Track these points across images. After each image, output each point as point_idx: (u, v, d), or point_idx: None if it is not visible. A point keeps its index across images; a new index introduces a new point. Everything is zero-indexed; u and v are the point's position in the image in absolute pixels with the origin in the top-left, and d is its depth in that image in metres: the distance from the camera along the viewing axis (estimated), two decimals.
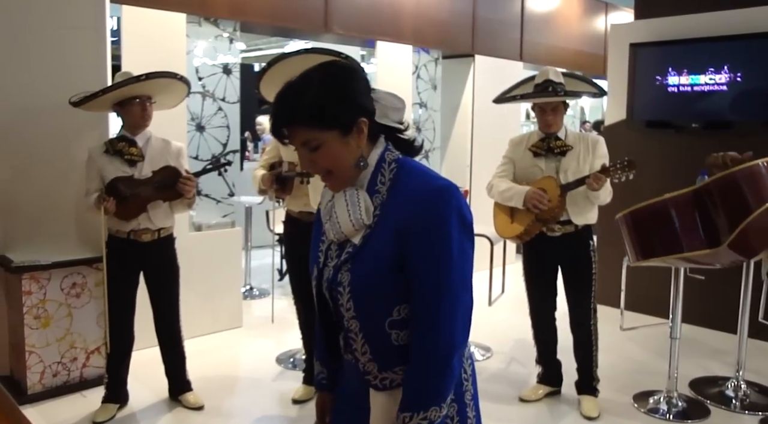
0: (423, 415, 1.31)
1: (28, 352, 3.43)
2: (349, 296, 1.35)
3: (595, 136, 3.39)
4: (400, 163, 1.38)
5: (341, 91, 1.31)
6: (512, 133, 6.94)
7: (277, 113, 1.33)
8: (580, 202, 3.24)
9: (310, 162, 1.34)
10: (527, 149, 3.37)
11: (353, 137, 1.33)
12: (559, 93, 3.23)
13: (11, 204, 3.54)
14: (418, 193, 1.31)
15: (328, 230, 1.40)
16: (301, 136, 1.31)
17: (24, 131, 3.54)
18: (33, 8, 3.52)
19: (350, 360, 1.46)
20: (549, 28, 7.19)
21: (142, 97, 3.18)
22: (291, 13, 4.83)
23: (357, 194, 1.35)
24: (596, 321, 3.39)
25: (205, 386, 3.58)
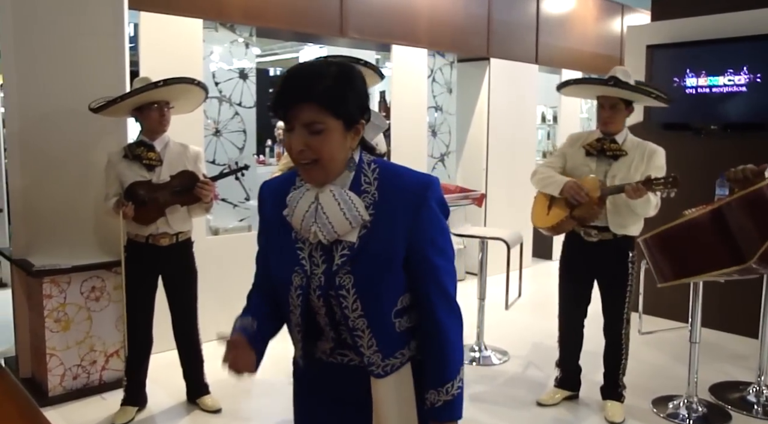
0: (459, 378, 1.45)
1: (48, 355, 3.47)
2: (355, 297, 1.37)
3: (654, 146, 3.24)
4: (379, 163, 1.43)
5: (357, 88, 1.36)
6: (528, 136, 6.97)
7: (289, 88, 1.31)
8: (623, 210, 3.15)
9: (304, 145, 1.31)
10: (582, 147, 3.30)
11: (350, 135, 1.36)
12: (610, 84, 3.12)
13: (33, 209, 3.58)
14: (409, 191, 1.39)
15: (315, 233, 1.37)
16: (309, 116, 1.29)
17: (45, 137, 3.58)
18: (54, 15, 3.56)
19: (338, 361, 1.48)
20: (564, 31, 7.16)
21: (160, 102, 3.21)
22: (307, 17, 4.85)
23: (347, 194, 1.36)
24: (628, 330, 3.35)
25: (223, 389, 3.59)
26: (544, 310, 3.82)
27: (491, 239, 4.18)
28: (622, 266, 3.26)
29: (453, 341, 1.43)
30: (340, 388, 1.51)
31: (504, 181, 6.56)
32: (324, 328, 1.46)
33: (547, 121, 8.71)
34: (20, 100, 3.55)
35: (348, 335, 1.43)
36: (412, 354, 1.47)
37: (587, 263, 3.32)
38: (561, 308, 3.52)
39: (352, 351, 1.45)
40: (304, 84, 1.30)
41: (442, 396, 1.42)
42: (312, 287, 1.40)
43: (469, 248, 6.32)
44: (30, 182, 3.59)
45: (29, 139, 3.57)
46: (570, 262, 3.42)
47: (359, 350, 1.42)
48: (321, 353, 1.50)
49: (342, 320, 1.41)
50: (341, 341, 1.46)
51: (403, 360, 1.46)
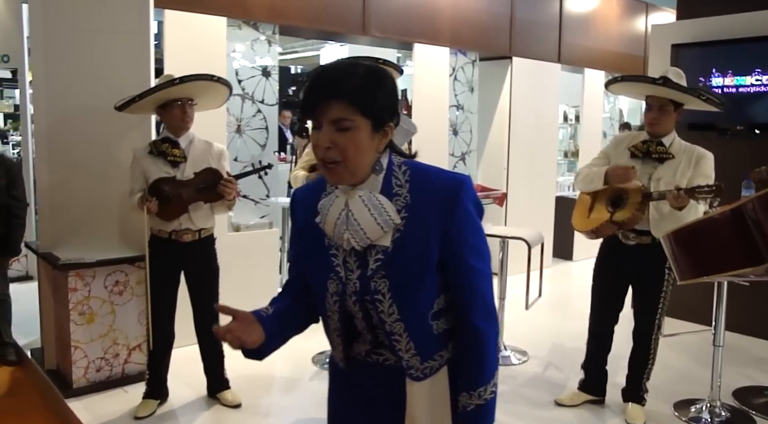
0: (492, 382, 1.43)
1: (73, 347, 3.52)
2: (391, 301, 1.36)
3: (702, 151, 3.12)
4: (409, 164, 1.40)
5: (387, 88, 1.34)
6: (549, 136, 6.93)
7: (318, 85, 1.31)
8: (666, 216, 3.05)
9: (330, 142, 1.29)
10: (627, 148, 3.21)
11: (378, 137, 1.34)
12: (658, 82, 3.02)
13: (60, 204, 3.64)
14: (442, 192, 1.36)
15: (348, 240, 1.35)
16: (337, 113, 1.28)
17: (72, 133, 3.64)
18: (82, 14, 3.61)
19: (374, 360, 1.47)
20: (588, 30, 7.10)
21: (183, 99, 3.24)
22: (329, 16, 4.86)
23: (376, 197, 1.35)
24: (658, 336, 3.30)
25: (243, 384, 3.62)
26: (564, 310, 3.79)
27: (512, 238, 4.16)
28: (659, 272, 3.19)
29: (488, 344, 1.41)
30: (375, 387, 1.50)
31: (525, 180, 6.52)
32: (361, 331, 1.46)
33: (569, 120, 8.64)
34: (48, 97, 3.61)
35: (386, 339, 1.42)
36: (450, 356, 1.45)
37: (623, 266, 3.26)
38: (593, 309, 3.44)
39: (389, 351, 1.44)
40: (334, 81, 1.29)
41: (474, 400, 1.41)
42: (348, 293, 1.40)
43: (490, 248, 6.29)
44: (57, 178, 3.64)
45: (56, 136, 3.62)
46: (606, 264, 3.35)
47: (398, 354, 1.42)
48: (357, 353, 1.50)
49: (379, 324, 1.40)
50: (378, 343, 1.45)
51: (441, 362, 1.44)
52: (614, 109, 8.72)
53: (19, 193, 4.06)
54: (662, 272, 3.19)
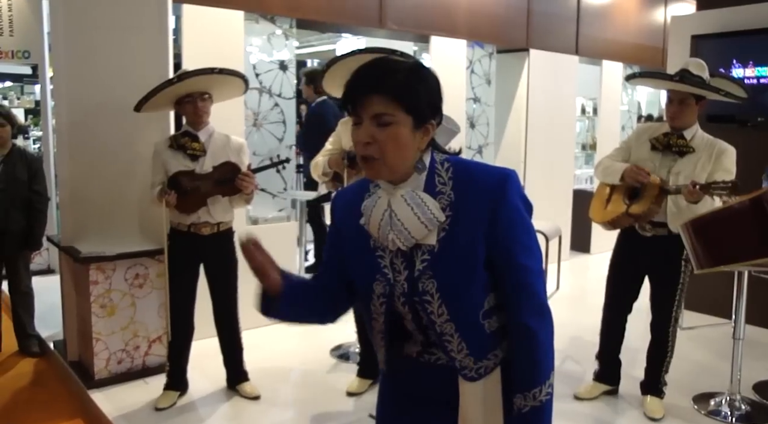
0: (548, 383, 1.38)
1: (95, 339, 3.57)
2: (440, 302, 1.35)
3: (723, 145, 3.09)
4: (452, 161, 1.37)
5: (430, 86, 1.34)
6: (567, 129, 6.88)
7: (360, 79, 1.30)
8: (683, 211, 3.05)
9: (370, 137, 1.28)
10: (648, 140, 3.20)
11: (419, 135, 1.31)
12: (675, 79, 3.01)
13: (81, 197, 3.68)
14: (487, 188, 1.33)
15: (393, 241, 1.33)
16: (379, 107, 1.27)
17: (94, 128, 3.67)
18: (101, 9, 3.64)
19: (426, 360, 1.45)
20: (606, 21, 7.04)
21: (194, 94, 3.25)
22: (346, 9, 4.87)
23: (418, 196, 1.32)
24: (675, 329, 3.29)
25: (262, 376, 3.65)
26: (582, 303, 3.78)
27: None
28: (675, 264, 3.18)
29: (542, 343, 1.36)
30: (427, 387, 1.48)
31: (542, 173, 6.49)
32: (412, 332, 1.44)
33: (586, 113, 8.58)
34: (68, 93, 3.65)
35: (437, 340, 1.40)
36: (504, 355, 1.42)
37: (639, 257, 3.26)
38: (607, 299, 3.46)
39: (441, 350, 1.42)
40: (376, 76, 1.29)
41: (530, 402, 1.36)
42: (396, 294, 1.38)
43: None
44: (77, 172, 3.68)
45: (77, 131, 3.66)
46: (622, 255, 3.36)
47: (450, 355, 1.40)
48: (408, 353, 1.48)
49: (429, 325, 1.39)
50: (430, 343, 1.43)
51: (496, 362, 1.42)
52: (632, 101, 8.64)
53: (41, 187, 4.13)
54: (679, 264, 3.18)
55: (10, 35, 5.84)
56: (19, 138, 5.46)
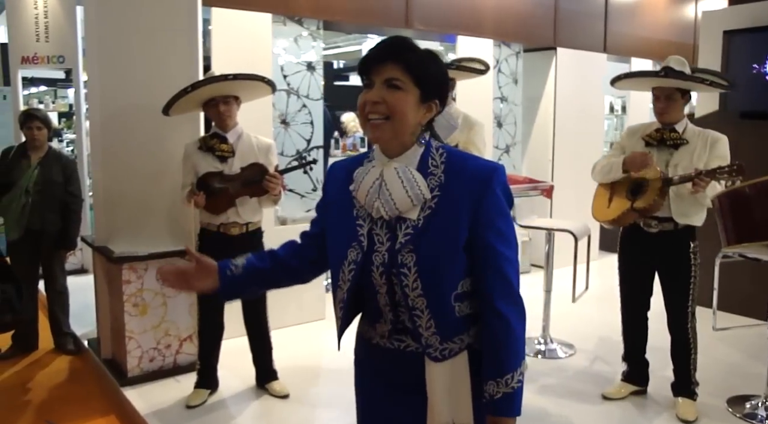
0: (519, 371, 1.43)
1: (127, 337, 3.63)
2: (416, 276, 1.40)
3: (716, 134, 3.16)
4: (446, 149, 1.47)
5: (440, 68, 1.47)
6: (595, 127, 6.81)
7: (381, 47, 1.41)
8: (687, 200, 3.08)
9: (380, 97, 1.39)
10: (641, 138, 3.25)
11: (422, 109, 1.43)
12: (661, 74, 3.08)
13: (114, 198, 3.75)
14: (476, 176, 1.42)
15: (378, 208, 1.42)
16: (392, 73, 1.39)
17: (126, 130, 3.73)
18: (133, 14, 3.70)
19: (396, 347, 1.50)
20: (634, 18, 6.95)
21: (217, 98, 3.30)
22: (373, 10, 4.88)
23: (410, 171, 1.42)
24: (695, 324, 3.26)
25: (291, 375, 3.68)
26: (611, 303, 3.74)
27: (558, 230, 4.12)
28: (684, 257, 3.18)
29: (513, 329, 1.42)
30: (397, 374, 1.53)
31: (570, 172, 6.43)
32: (383, 309, 1.49)
33: (615, 111, 8.48)
34: (102, 96, 3.72)
35: (407, 316, 1.45)
36: (471, 341, 1.47)
37: (647, 254, 3.26)
38: (623, 301, 3.46)
39: (410, 336, 1.48)
40: (395, 47, 1.41)
41: (502, 388, 1.41)
42: (375, 264, 1.44)
43: (535, 240, 6.25)
44: (110, 174, 3.75)
45: (110, 134, 3.73)
46: (629, 254, 3.37)
47: (417, 331, 1.44)
48: (379, 337, 1.53)
49: (402, 299, 1.44)
50: (399, 324, 1.49)
51: (462, 346, 1.46)
52: None
53: (76, 189, 4.22)
54: (688, 257, 3.19)
55: (46, 41, 5.99)
56: (53, 141, 5.58)
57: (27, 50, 6.00)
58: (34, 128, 4.11)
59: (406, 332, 1.48)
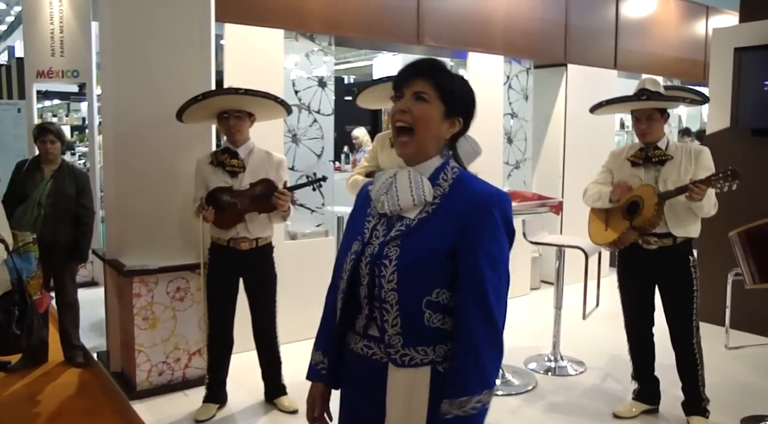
0: (478, 399, 1.41)
1: (137, 351, 3.64)
2: (394, 269, 1.45)
3: (698, 146, 3.27)
4: (460, 169, 1.55)
5: (466, 91, 1.57)
6: (605, 144, 6.79)
7: (414, 65, 1.54)
8: (681, 213, 3.13)
9: (406, 107, 1.50)
10: (626, 159, 3.32)
11: (446, 124, 1.53)
12: (643, 98, 3.16)
13: (125, 212, 3.78)
14: (477, 194, 1.48)
15: (383, 202, 1.52)
16: (420, 87, 1.50)
17: (138, 144, 3.77)
18: (147, 30, 3.75)
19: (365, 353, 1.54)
20: (645, 35, 6.96)
21: (229, 111, 3.33)
22: (384, 26, 4.92)
23: (420, 178, 1.50)
24: (699, 339, 3.25)
25: (300, 390, 3.65)
26: (622, 321, 3.72)
27: (569, 247, 4.11)
28: (685, 272, 3.20)
29: (480, 353, 1.41)
30: (363, 383, 1.56)
31: (581, 188, 6.34)
32: (362, 301, 1.52)
33: (625, 127, 8.47)
34: (115, 110, 3.76)
35: (378, 310, 1.47)
36: (435, 359, 1.47)
37: (647, 271, 3.28)
38: (627, 319, 3.46)
39: (377, 343, 1.51)
40: (426, 66, 1.53)
41: (454, 409, 1.40)
42: (365, 255, 1.51)
43: (545, 257, 6.22)
44: (123, 187, 3.78)
45: (122, 148, 3.77)
46: (629, 272, 3.38)
47: (384, 327, 1.46)
48: (354, 340, 1.57)
49: (378, 291, 1.47)
50: (372, 321, 1.52)
51: (424, 359, 1.47)
52: (672, 115, 8.51)
53: (88, 202, 4.25)
54: (689, 272, 3.20)
55: (61, 56, 6.06)
56: (66, 154, 5.63)
57: (42, 65, 6.08)
58: (48, 142, 4.15)
59: (376, 340, 1.51)
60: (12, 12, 16.39)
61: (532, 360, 4.29)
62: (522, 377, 3.98)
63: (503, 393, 3.78)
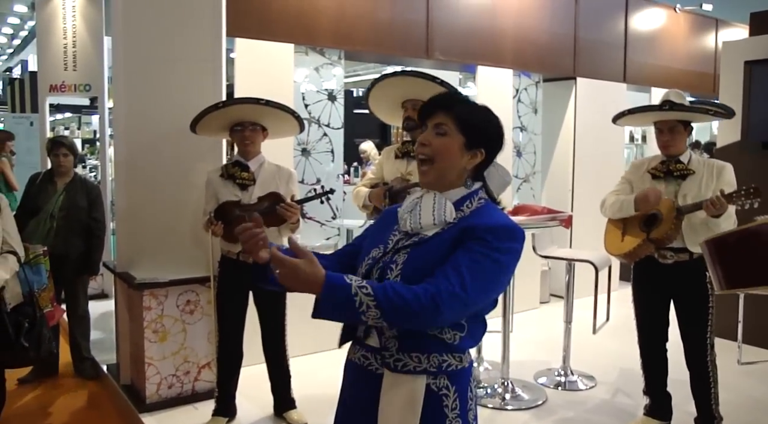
0: (371, 304, 1.38)
1: (147, 363, 3.65)
2: (399, 272, 1.51)
3: (720, 162, 3.21)
4: (487, 200, 1.61)
5: (489, 121, 1.62)
6: (615, 157, 6.79)
7: (439, 98, 1.62)
8: (699, 229, 3.07)
9: (426, 140, 1.58)
10: (647, 171, 3.28)
11: (467, 156, 1.58)
12: (665, 108, 3.12)
13: (136, 225, 3.80)
14: (493, 220, 1.53)
15: (406, 220, 1.59)
16: (441, 119, 1.57)
17: (149, 158, 3.79)
18: (159, 44, 3.78)
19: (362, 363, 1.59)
20: (654, 48, 6.97)
21: (244, 123, 3.35)
22: (394, 40, 4.95)
23: (445, 201, 1.57)
24: (714, 356, 3.21)
25: (309, 404, 3.66)
26: (632, 335, 3.69)
27: (579, 261, 4.09)
28: (701, 287, 3.15)
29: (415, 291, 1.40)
30: (358, 391, 1.61)
31: (590, 202, 6.37)
32: None
33: (635, 140, 8.46)
34: (127, 124, 3.79)
35: None
36: (427, 367, 1.51)
37: (663, 286, 3.24)
38: (640, 333, 3.42)
39: (374, 354, 1.56)
40: (446, 99, 1.62)
41: (350, 282, 1.40)
42: (380, 262, 1.57)
43: (555, 270, 6.20)
44: (134, 201, 3.80)
45: (134, 161, 3.79)
46: (645, 286, 3.34)
47: (381, 329, 1.51)
48: (353, 350, 1.64)
49: None
50: (370, 327, 1.55)
51: (418, 367, 1.51)
52: None
53: (99, 214, 4.28)
54: (705, 287, 3.15)
55: (74, 70, 6.13)
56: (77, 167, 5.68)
57: (55, 79, 6.15)
58: (61, 155, 4.19)
59: (373, 350, 1.56)
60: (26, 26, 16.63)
61: (542, 375, 4.26)
62: (532, 392, 3.96)
63: (513, 408, 3.76)
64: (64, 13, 6.12)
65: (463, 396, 1.56)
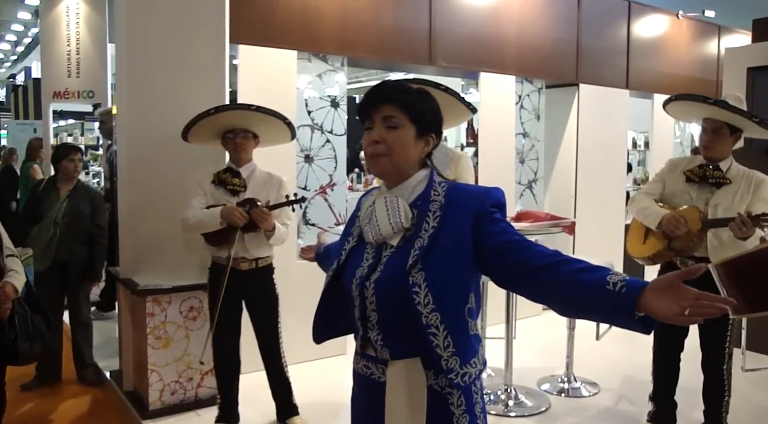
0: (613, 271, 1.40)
1: (150, 370, 3.64)
2: (427, 291, 1.44)
3: (761, 176, 3.04)
4: (446, 182, 1.57)
5: (433, 106, 1.58)
6: (618, 163, 6.79)
7: (379, 89, 1.55)
8: (725, 241, 2.97)
9: (379, 137, 1.51)
10: (682, 172, 3.16)
11: (419, 143, 1.55)
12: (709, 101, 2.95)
13: (139, 231, 3.81)
14: (473, 193, 1.52)
15: (367, 233, 1.55)
16: (389, 112, 1.51)
17: (152, 165, 3.80)
18: (162, 51, 3.81)
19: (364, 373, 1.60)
20: (657, 54, 6.97)
21: (236, 130, 3.35)
22: (397, 47, 4.96)
23: (396, 201, 1.52)
24: (730, 366, 3.16)
25: (312, 410, 3.65)
26: (636, 342, 3.66)
27: None
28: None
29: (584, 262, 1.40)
30: (365, 400, 1.62)
31: (593, 208, 6.40)
32: (357, 322, 1.58)
33: (638, 147, 8.45)
34: (130, 131, 3.81)
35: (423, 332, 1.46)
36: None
37: None
38: (656, 340, 3.37)
39: (375, 363, 1.57)
40: (390, 89, 1.55)
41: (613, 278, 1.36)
42: (355, 277, 1.55)
43: None
44: (136, 207, 3.81)
45: (137, 168, 3.80)
46: None
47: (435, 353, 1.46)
48: (356, 360, 1.65)
49: (368, 312, 1.53)
50: (366, 341, 1.57)
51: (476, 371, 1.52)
52: (685, 134, 8.49)
53: (102, 221, 4.29)
54: None
55: (77, 77, 6.16)
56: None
57: (59, 85, 6.18)
58: (77, 160, 4.21)
59: (373, 360, 1.57)
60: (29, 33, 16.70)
61: (545, 381, 4.25)
62: (535, 399, 3.95)
63: (516, 414, 3.75)
64: (68, 20, 6.16)
65: (467, 391, 1.54)
